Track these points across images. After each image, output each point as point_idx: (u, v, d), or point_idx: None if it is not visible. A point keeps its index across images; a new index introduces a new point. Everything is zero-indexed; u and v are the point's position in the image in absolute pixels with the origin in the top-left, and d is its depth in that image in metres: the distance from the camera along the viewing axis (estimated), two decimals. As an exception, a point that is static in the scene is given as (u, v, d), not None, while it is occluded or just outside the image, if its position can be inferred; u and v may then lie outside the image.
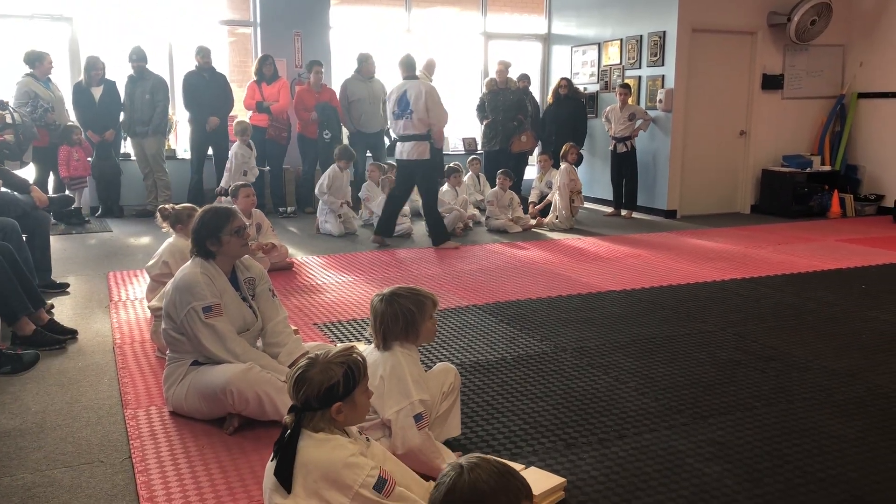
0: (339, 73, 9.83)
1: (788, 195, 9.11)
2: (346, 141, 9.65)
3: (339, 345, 2.18)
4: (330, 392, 2.04)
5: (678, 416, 3.23)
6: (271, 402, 2.94)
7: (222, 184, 7.57)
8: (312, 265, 6.33)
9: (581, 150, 9.22)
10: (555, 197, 8.45)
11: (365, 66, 9.12)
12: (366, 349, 2.75)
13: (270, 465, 2.10)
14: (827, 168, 9.48)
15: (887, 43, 9.15)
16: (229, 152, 8.19)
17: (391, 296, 2.68)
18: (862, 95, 9.50)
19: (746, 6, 9.02)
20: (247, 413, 3.00)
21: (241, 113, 9.27)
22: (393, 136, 7.43)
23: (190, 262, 3.17)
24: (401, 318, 2.66)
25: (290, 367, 2.63)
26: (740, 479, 2.68)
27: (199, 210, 3.29)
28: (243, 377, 2.94)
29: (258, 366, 3.04)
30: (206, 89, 8.54)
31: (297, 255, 6.63)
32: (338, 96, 9.11)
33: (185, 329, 3.06)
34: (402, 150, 6.96)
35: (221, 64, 9.44)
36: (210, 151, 8.81)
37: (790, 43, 9.21)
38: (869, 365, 3.88)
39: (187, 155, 9.09)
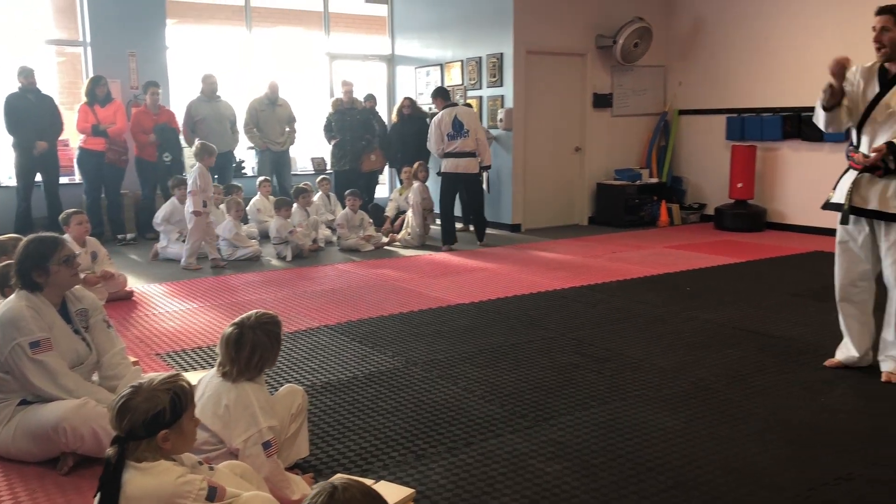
0: (178, 94, 9.53)
1: (621, 206, 9.71)
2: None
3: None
4: (156, 419, 2.01)
5: (522, 419, 3.38)
6: (109, 437, 2.81)
7: (189, 208, 7.01)
8: (153, 293, 6.09)
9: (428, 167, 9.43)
10: (408, 214, 8.60)
11: (206, 86, 8.95)
12: (204, 377, 2.70)
13: (95, 502, 2.03)
14: (655, 180, 10.19)
15: (701, 64, 10.00)
16: (189, 176, 7.35)
17: (260, 324, 2.65)
18: (682, 112, 10.31)
19: (576, 29, 9.57)
20: (83, 451, 2.86)
21: (72, 136, 8.79)
22: (437, 153, 8.33)
23: (14, 294, 2.99)
24: (276, 343, 2.68)
25: None
26: (578, 475, 2.84)
27: (24, 239, 3.12)
28: (77, 413, 2.81)
29: (93, 400, 2.90)
30: (32, 112, 8.03)
31: (137, 284, 6.36)
32: (183, 117, 8.87)
33: (10, 367, 2.88)
34: (459, 165, 8.12)
35: (49, 85, 8.91)
36: (38, 178, 8.29)
37: (617, 64, 9.86)
38: (693, 360, 4.22)
39: (12, 182, 8.49)
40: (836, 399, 3.62)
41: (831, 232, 4.14)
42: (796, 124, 8.87)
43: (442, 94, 8.48)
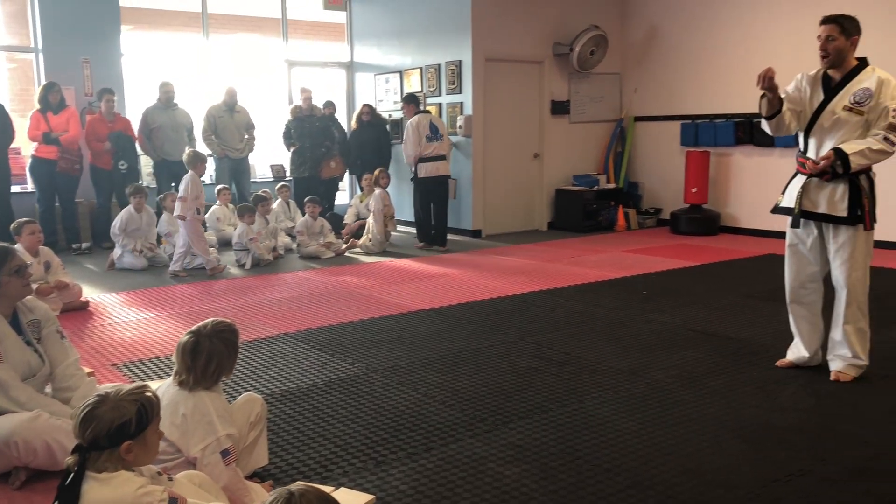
0: (134, 102, 9.41)
1: (579, 212, 9.82)
2: (145, 171, 9.27)
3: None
4: (121, 430, 1.98)
5: (481, 424, 3.40)
6: (63, 451, 2.77)
7: (176, 212, 6.97)
8: (110, 303, 5.99)
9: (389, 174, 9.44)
10: (369, 220, 8.59)
11: (162, 93, 8.86)
12: (161, 386, 2.68)
13: (52, 512, 2.00)
14: (612, 186, 10.32)
15: (655, 71, 10.17)
16: (181, 182, 7.27)
17: (216, 332, 2.63)
18: (638, 119, 10.47)
19: (533, 37, 9.67)
20: (36, 465, 2.81)
21: (24, 144, 8.62)
22: (408, 159, 8.52)
23: (-38, 306, 2.93)
24: (233, 351, 2.66)
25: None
26: (536, 477, 2.88)
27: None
28: (29, 426, 2.76)
29: (46, 413, 2.85)
30: (-19, 120, 7.86)
31: (93, 294, 6.26)
32: (139, 125, 8.77)
33: (-41, 380, 2.82)
34: (439, 168, 8.37)
35: (0, 92, 8.73)
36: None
37: (574, 71, 9.98)
38: (648, 362, 4.29)
39: (-39, 191, 8.28)
40: (788, 398, 3.71)
41: (782, 235, 4.24)
42: (748, 130, 9.07)
43: (414, 101, 8.65)
